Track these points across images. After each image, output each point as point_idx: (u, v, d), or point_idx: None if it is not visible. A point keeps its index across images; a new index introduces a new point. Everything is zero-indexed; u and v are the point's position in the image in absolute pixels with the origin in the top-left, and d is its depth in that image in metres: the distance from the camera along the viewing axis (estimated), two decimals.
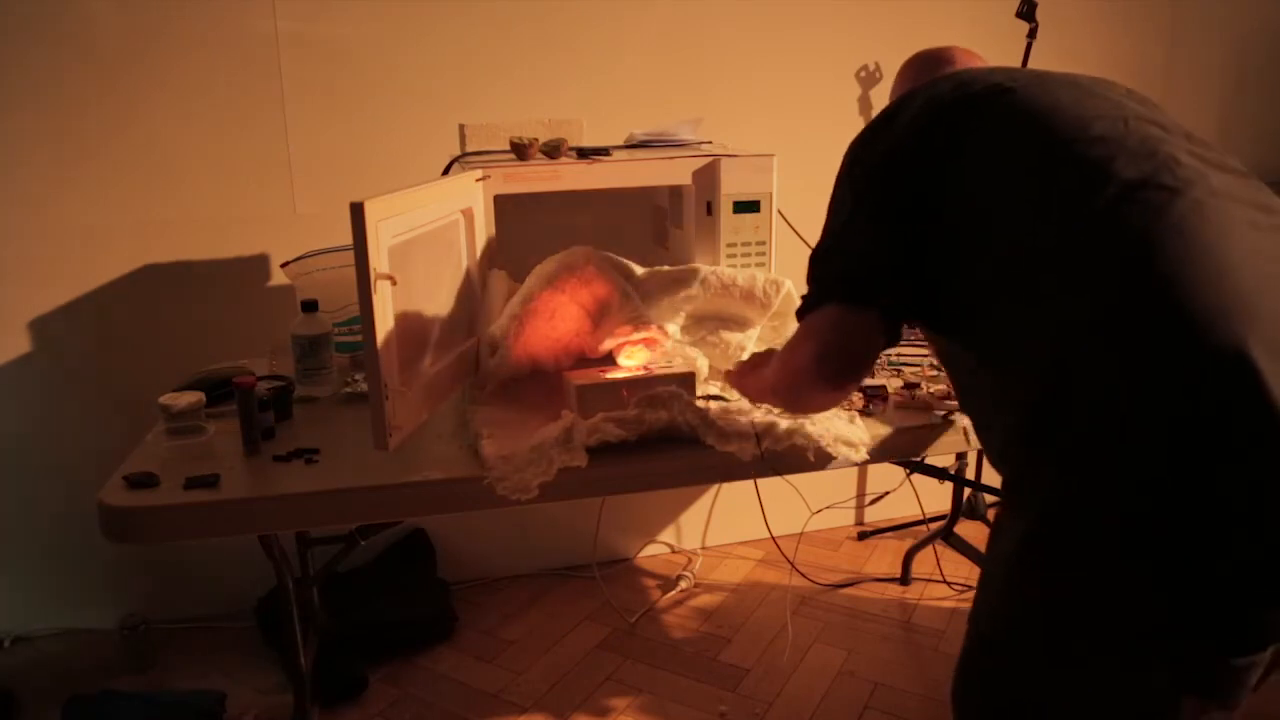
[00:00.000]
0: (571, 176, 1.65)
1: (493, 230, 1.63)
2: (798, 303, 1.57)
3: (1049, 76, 1.08)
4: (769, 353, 1.36)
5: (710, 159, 1.69)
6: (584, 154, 1.73)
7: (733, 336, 1.59)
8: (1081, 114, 0.99)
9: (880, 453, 1.41)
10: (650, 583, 2.50)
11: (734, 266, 1.69)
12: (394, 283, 1.24)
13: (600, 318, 1.55)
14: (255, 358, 1.84)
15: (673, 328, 1.59)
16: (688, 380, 1.46)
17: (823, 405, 1.22)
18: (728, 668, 2.12)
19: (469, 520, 2.43)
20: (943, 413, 1.46)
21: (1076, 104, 1.01)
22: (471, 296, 1.60)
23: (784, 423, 1.36)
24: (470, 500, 1.30)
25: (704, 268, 1.64)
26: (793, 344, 1.15)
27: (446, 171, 1.73)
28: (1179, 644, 0.86)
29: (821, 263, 1.12)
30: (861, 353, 1.08)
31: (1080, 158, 0.95)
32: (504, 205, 1.64)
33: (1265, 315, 0.82)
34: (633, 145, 1.93)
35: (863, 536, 2.72)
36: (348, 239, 1.19)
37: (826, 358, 1.08)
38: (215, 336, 2.10)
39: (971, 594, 2.57)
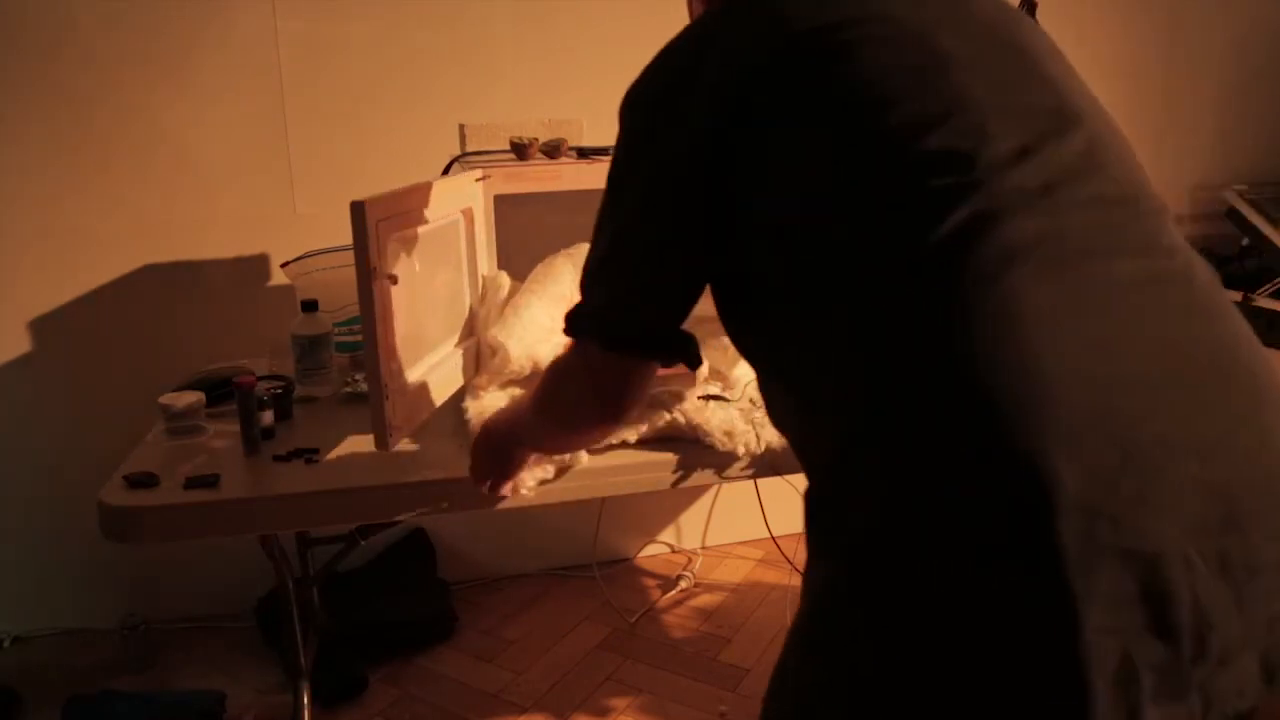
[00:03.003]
0: (571, 176, 1.65)
1: (493, 230, 1.63)
2: None
3: (899, 17, 0.81)
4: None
5: None
6: (584, 154, 1.73)
7: None
8: (953, 92, 0.78)
9: None
10: (650, 583, 2.50)
11: None
12: (394, 282, 1.24)
13: None
14: (255, 358, 1.84)
15: None
16: (688, 380, 1.46)
17: (595, 442, 1.10)
18: (728, 668, 2.12)
19: (469, 520, 2.43)
20: None
21: (940, 71, 0.79)
22: (472, 296, 1.60)
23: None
24: (470, 500, 1.30)
25: None
26: (551, 383, 0.99)
27: (446, 171, 1.73)
28: None
29: (593, 278, 0.91)
30: (636, 390, 0.92)
31: (917, 183, 0.74)
32: (504, 205, 1.64)
33: (1065, 403, 0.67)
34: None
35: None
36: (348, 239, 1.19)
37: (592, 401, 0.94)
38: (215, 336, 2.10)
39: None
